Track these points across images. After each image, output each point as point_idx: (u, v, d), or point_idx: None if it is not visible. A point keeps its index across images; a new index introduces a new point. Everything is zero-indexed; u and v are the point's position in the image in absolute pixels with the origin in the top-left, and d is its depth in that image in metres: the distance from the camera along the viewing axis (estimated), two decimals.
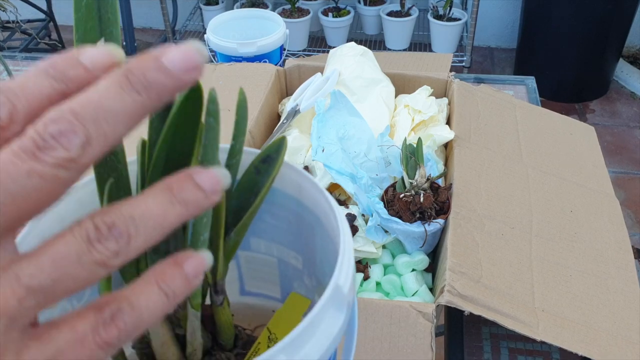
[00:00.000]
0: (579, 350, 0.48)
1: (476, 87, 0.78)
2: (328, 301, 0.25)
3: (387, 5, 2.02)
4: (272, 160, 0.31)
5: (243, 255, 0.39)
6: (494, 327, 0.55)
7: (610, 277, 0.56)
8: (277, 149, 0.31)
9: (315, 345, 0.25)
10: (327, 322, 0.25)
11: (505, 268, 0.53)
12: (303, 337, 0.24)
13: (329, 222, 0.31)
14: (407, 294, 0.56)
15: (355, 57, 0.77)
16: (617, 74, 1.96)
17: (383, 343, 0.48)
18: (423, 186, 0.57)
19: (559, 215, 0.61)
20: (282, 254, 0.38)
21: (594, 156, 0.72)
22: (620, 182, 1.56)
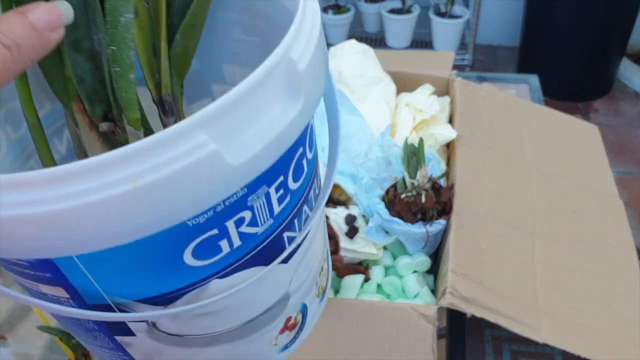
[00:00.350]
0: (582, 352, 0.48)
1: (478, 85, 0.77)
2: (267, 77, 0.19)
3: (388, 2, 2.01)
4: None
5: (218, 89, 0.33)
6: (497, 329, 0.55)
7: (613, 278, 0.55)
8: None
9: (255, 132, 0.19)
10: (273, 104, 0.20)
11: (508, 269, 0.53)
12: (233, 116, 0.18)
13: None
14: (409, 296, 0.56)
15: (356, 55, 0.77)
16: (620, 73, 1.95)
17: (384, 345, 0.48)
18: (425, 186, 0.57)
19: (562, 216, 0.61)
20: None
21: (598, 156, 0.71)
22: (624, 183, 1.55)
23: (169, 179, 0.17)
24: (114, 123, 0.25)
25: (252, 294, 0.25)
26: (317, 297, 0.31)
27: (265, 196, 0.22)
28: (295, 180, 0.24)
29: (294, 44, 0.20)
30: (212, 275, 0.22)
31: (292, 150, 0.22)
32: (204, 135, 0.17)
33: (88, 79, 0.24)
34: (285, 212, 0.24)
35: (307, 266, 0.28)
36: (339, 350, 0.48)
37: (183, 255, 0.21)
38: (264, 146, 0.19)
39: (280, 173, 0.22)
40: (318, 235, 0.29)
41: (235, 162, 0.18)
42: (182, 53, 0.26)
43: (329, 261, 0.33)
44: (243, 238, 0.22)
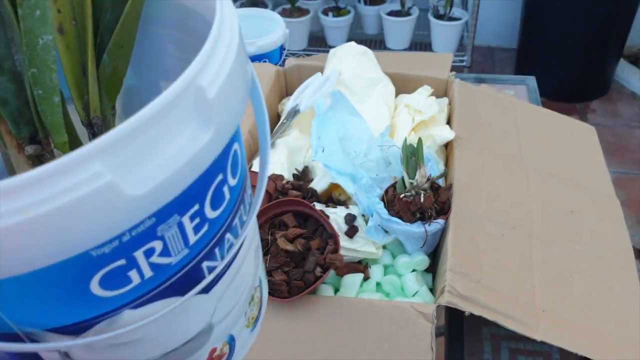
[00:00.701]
0: (579, 350, 0.48)
1: (477, 87, 0.78)
2: (171, 105, 0.18)
3: (387, 4, 2.02)
4: None
5: None
6: (495, 327, 0.55)
7: (610, 277, 0.56)
8: None
9: (158, 162, 0.18)
10: (178, 132, 0.19)
11: (505, 268, 0.53)
12: (133, 145, 0.17)
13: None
14: (408, 295, 0.56)
15: (356, 56, 0.77)
16: (617, 74, 1.96)
17: (383, 343, 0.48)
18: (423, 186, 0.57)
19: (560, 215, 0.61)
20: None
21: (595, 156, 0.72)
22: (621, 183, 1.56)
23: (62, 210, 0.17)
24: (42, 146, 0.24)
25: (170, 325, 0.24)
26: (246, 328, 0.30)
27: (178, 225, 0.21)
28: (214, 208, 0.23)
29: (203, 69, 0.20)
30: (124, 306, 0.22)
31: (207, 177, 0.21)
32: (99, 166, 0.17)
33: (12, 100, 0.23)
34: (203, 241, 0.23)
35: (234, 296, 0.27)
36: (338, 348, 0.48)
37: (89, 285, 0.20)
38: (168, 175, 0.18)
39: (195, 201, 0.21)
40: (247, 263, 0.28)
41: (135, 193, 0.18)
42: (112, 73, 0.25)
43: (262, 289, 0.32)
44: (155, 268, 0.21)
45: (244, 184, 0.26)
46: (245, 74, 0.22)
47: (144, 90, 0.30)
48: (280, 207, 0.56)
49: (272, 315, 0.50)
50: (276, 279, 0.49)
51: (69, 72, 0.24)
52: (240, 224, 0.26)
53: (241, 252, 0.26)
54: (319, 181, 0.64)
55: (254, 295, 0.30)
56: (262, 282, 0.32)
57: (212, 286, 0.25)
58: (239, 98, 0.22)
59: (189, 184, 0.20)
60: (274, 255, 0.51)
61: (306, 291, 0.50)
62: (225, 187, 0.23)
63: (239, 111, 0.22)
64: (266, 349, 0.49)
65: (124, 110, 0.27)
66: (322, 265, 0.51)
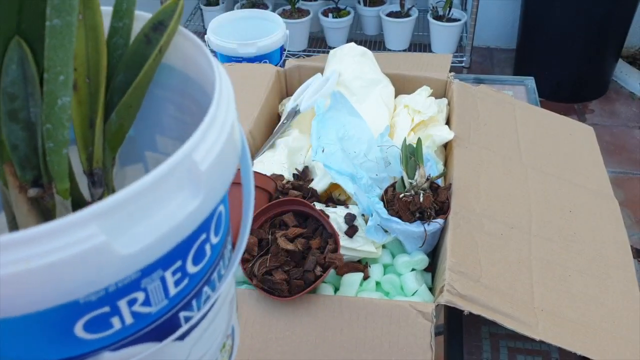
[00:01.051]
0: (578, 349, 0.48)
1: (476, 87, 0.78)
2: (167, 176, 0.20)
3: (387, 5, 2.03)
4: (164, 27, 0.26)
5: (151, 156, 0.35)
6: (494, 326, 0.55)
7: (609, 276, 0.56)
8: (171, 13, 0.26)
9: (149, 225, 0.20)
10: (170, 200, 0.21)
11: (504, 268, 0.54)
12: (128, 210, 0.19)
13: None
14: (407, 294, 0.56)
15: (355, 57, 0.78)
16: (616, 74, 1.97)
17: (383, 342, 0.48)
18: (423, 186, 0.57)
19: (558, 215, 0.62)
20: None
21: (593, 156, 0.72)
22: (619, 182, 1.57)
23: (60, 263, 0.19)
24: (43, 189, 0.26)
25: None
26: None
27: (161, 279, 0.23)
28: (196, 264, 0.25)
29: (199, 145, 0.22)
30: (104, 348, 0.23)
31: (191, 238, 0.23)
32: (95, 227, 0.19)
33: (22, 146, 0.25)
34: (183, 293, 0.25)
35: (206, 343, 0.29)
36: (338, 347, 0.49)
37: (74, 328, 0.22)
38: (157, 237, 0.20)
39: (178, 258, 0.23)
40: (222, 314, 0.29)
41: (125, 252, 0.20)
42: (117, 130, 0.27)
43: (234, 337, 0.33)
44: (135, 316, 0.23)
45: (225, 240, 0.27)
46: (236, 146, 0.24)
47: (140, 141, 0.32)
48: (280, 207, 0.56)
49: (272, 315, 0.50)
50: (276, 278, 0.50)
51: (77, 125, 0.26)
52: (218, 277, 0.27)
53: (217, 303, 0.28)
54: (319, 181, 0.65)
55: (225, 343, 0.31)
56: (235, 330, 0.34)
57: (187, 334, 0.27)
58: (228, 169, 0.24)
59: (175, 245, 0.22)
60: (274, 254, 0.51)
61: (306, 290, 0.50)
62: (207, 245, 0.25)
63: (229, 178, 0.24)
64: (266, 349, 0.49)
65: (119, 156, 0.30)
66: (322, 264, 0.51)
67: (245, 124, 0.71)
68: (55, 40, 0.23)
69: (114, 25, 0.27)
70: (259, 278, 0.50)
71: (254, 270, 0.51)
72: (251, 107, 0.74)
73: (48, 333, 0.22)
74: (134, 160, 0.33)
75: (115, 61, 0.27)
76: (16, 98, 0.24)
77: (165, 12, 0.26)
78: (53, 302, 0.20)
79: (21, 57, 0.24)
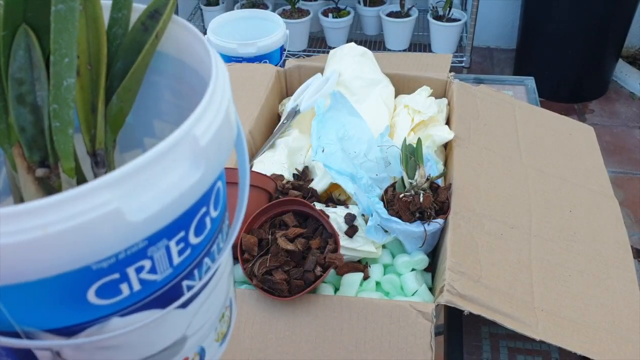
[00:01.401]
0: (578, 349, 0.49)
1: (476, 87, 0.78)
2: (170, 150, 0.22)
3: (386, 5, 2.03)
4: (160, 15, 0.28)
5: (149, 142, 0.36)
6: (494, 326, 0.56)
7: (609, 276, 0.56)
8: (165, 1, 0.28)
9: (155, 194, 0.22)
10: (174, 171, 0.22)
11: (504, 268, 0.54)
12: (136, 180, 0.21)
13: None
14: (407, 294, 0.56)
15: (355, 57, 0.78)
16: (616, 74, 1.97)
17: (383, 342, 0.48)
18: (423, 186, 0.57)
19: (558, 215, 0.62)
20: None
21: (593, 156, 0.72)
22: (620, 182, 1.57)
23: (76, 229, 0.20)
24: (50, 170, 0.28)
25: (150, 333, 0.27)
26: (215, 342, 0.33)
27: (165, 248, 0.25)
28: (197, 235, 0.26)
29: (198, 122, 0.23)
30: (113, 313, 0.25)
31: (193, 209, 0.25)
32: (108, 195, 0.21)
33: (29, 129, 0.27)
34: (185, 263, 0.27)
35: (207, 313, 0.31)
36: (338, 347, 0.49)
37: (87, 294, 0.23)
38: (162, 206, 0.22)
39: (182, 229, 0.25)
40: (221, 285, 0.31)
41: (135, 219, 0.21)
42: (118, 112, 0.29)
43: (232, 309, 0.35)
44: (143, 283, 0.25)
45: (223, 215, 0.30)
46: (232, 127, 0.26)
47: (138, 128, 0.34)
48: (280, 207, 0.56)
49: (272, 315, 0.50)
50: (276, 278, 0.50)
51: (80, 109, 0.28)
52: (218, 250, 0.29)
53: (216, 274, 0.30)
54: (319, 181, 0.65)
55: (224, 314, 0.33)
56: (233, 302, 0.35)
57: (189, 302, 0.28)
58: (225, 147, 0.26)
59: (179, 215, 0.24)
60: (274, 254, 0.51)
61: (306, 290, 0.50)
62: (208, 218, 0.27)
63: (225, 157, 0.26)
64: (266, 349, 0.49)
65: (119, 142, 0.32)
66: (322, 264, 0.51)
67: (245, 124, 0.71)
68: (60, 24, 0.24)
69: (113, 16, 0.29)
70: (259, 278, 0.50)
71: (254, 270, 0.51)
72: (251, 107, 0.74)
73: (63, 298, 0.23)
74: (133, 146, 0.35)
75: (115, 49, 0.29)
76: (24, 82, 0.26)
77: (160, 0, 0.28)
78: (69, 267, 0.21)
79: (28, 44, 0.26)
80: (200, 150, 0.23)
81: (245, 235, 0.53)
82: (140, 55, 0.28)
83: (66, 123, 0.25)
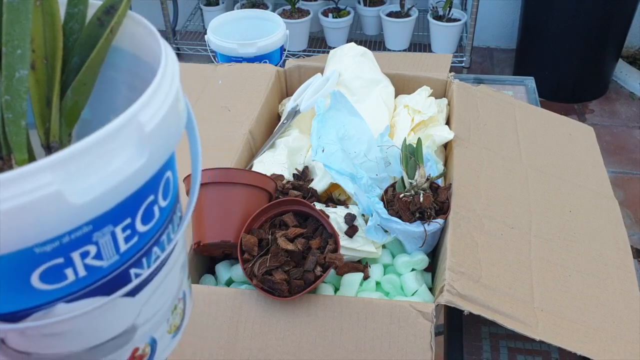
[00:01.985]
0: (578, 349, 0.49)
1: (476, 87, 0.78)
2: (114, 134, 0.22)
3: (386, 5, 2.03)
4: (115, 10, 0.28)
5: None
6: (494, 326, 0.56)
7: (609, 276, 0.56)
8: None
9: (98, 178, 0.22)
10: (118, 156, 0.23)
11: (504, 268, 0.54)
12: (79, 163, 0.21)
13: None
14: (407, 294, 0.56)
15: (355, 57, 0.78)
16: (616, 75, 1.97)
17: (383, 342, 0.48)
18: (423, 186, 0.57)
19: (558, 215, 0.62)
20: None
21: (593, 156, 0.72)
22: (619, 182, 1.57)
23: (16, 210, 0.20)
24: (2, 161, 0.28)
25: (97, 321, 0.27)
26: (168, 334, 0.33)
27: (111, 234, 0.25)
28: (145, 223, 0.27)
29: (144, 108, 0.24)
30: (59, 299, 0.25)
31: (139, 196, 0.25)
32: (49, 176, 0.21)
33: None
34: (133, 250, 0.27)
35: (157, 303, 0.31)
36: (338, 347, 0.49)
37: (31, 278, 0.23)
38: (105, 190, 0.22)
39: (128, 215, 0.25)
40: (173, 276, 0.31)
41: (77, 202, 0.22)
42: (73, 106, 0.29)
43: (186, 302, 0.35)
44: (88, 269, 0.25)
45: (174, 206, 0.30)
46: (180, 116, 0.27)
47: (96, 122, 0.35)
48: (280, 207, 0.56)
49: (272, 315, 0.50)
50: (276, 278, 0.50)
51: (35, 102, 0.28)
52: (168, 240, 0.30)
53: (167, 265, 0.30)
54: (319, 181, 0.65)
55: (177, 306, 0.33)
56: (187, 296, 0.35)
57: (137, 291, 0.28)
58: (172, 134, 0.26)
59: (123, 200, 0.24)
60: (274, 254, 0.51)
61: (306, 290, 0.50)
62: (156, 207, 0.27)
63: (172, 145, 0.26)
64: (266, 348, 0.49)
65: (77, 137, 0.32)
66: (322, 264, 0.51)
67: (245, 124, 0.71)
68: (12, 15, 0.25)
69: (69, 11, 0.29)
70: (259, 278, 0.50)
71: (254, 270, 0.51)
72: (251, 107, 0.74)
73: (6, 282, 0.23)
74: None
75: (72, 44, 0.29)
76: None
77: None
78: (10, 248, 0.21)
79: None
80: (145, 136, 0.24)
81: (245, 235, 0.53)
82: (95, 50, 0.28)
83: (19, 115, 0.25)
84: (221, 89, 0.78)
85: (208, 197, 0.56)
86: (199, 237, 0.56)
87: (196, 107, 0.75)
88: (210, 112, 0.74)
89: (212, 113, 0.74)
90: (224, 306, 0.51)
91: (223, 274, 0.58)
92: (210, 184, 0.56)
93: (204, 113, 0.74)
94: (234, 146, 0.68)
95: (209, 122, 0.72)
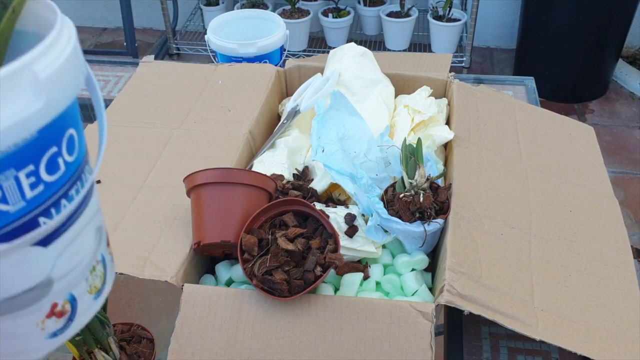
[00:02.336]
0: (578, 349, 0.49)
1: (476, 87, 0.78)
2: (9, 78, 0.24)
3: (387, 5, 2.03)
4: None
5: None
6: (494, 326, 0.56)
7: (609, 276, 0.56)
8: None
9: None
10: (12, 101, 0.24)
11: (504, 268, 0.54)
12: None
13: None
14: (407, 294, 0.56)
15: (355, 57, 0.78)
16: (616, 74, 1.97)
17: (383, 342, 0.48)
18: (423, 186, 0.57)
19: (558, 215, 0.62)
20: None
21: (593, 156, 0.72)
22: (620, 182, 1.57)
23: None
24: None
25: (10, 270, 0.28)
26: (89, 293, 0.34)
27: (15, 179, 0.26)
28: (50, 173, 0.28)
29: (39, 58, 0.26)
30: None
31: (39, 143, 0.27)
32: None
33: None
34: (40, 199, 0.28)
35: (73, 258, 0.32)
36: (338, 347, 0.49)
37: None
38: (2, 129, 0.24)
39: (30, 162, 0.27)
40: (87, 235, 0.33)
41: None
42: None
43: (106, 267, 0.36)
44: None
45: (82, 164, 0.32)
46: (78, 69, 0.29)
47: None
48: (280, 207, 0.56)
49: (272, 314, 0.50)
50: (277, 278, 0.50)
51: None
52: (76, 193, 0.32)
53: (79, 222, 0.32)
54: (319, 181, 0.65)
55: (95, 267, 0.35)
56: (106, 260, 0.37)
57: (49, 241, 0.30)
58: (70, 85, 0.28)
59: (23, 144, 0.26)
60: (274, 254, 0.51)
61: (306, 290, 0.50)
62: (60, 160, 0.29)
63: (70, 95, 0.29)
64: (266, 348, 0.49)
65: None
66: (322, 264, 0.51)
67: (245, 124, 0.71)
68: None
69: None
70: (259, 278, 0.50)
71: (254, 270, 0.51)
72: (251, 107, 0.74)
73: None
74: None
75: None
76: None
77: None
78: None
79: None
80: (40, 84, 0.25)
81: (245, 235, 0.53)
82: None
83: None
84: (221, 89, 0.78)
85: (208, 197, 0.56)
86: (199, 237, 0.56)
87: (196, 107, 0.75)
88: (210, 112, 0.74)
89: (212, 113, 0.74)
90: (224, 306, 0.51)
91: (223, 274, 0.58)
92: (210, 184, 0.56)
93: (204, 113, 0.74)
94: (234, 146, 0.68)
95: (209, 122, 0.72)
